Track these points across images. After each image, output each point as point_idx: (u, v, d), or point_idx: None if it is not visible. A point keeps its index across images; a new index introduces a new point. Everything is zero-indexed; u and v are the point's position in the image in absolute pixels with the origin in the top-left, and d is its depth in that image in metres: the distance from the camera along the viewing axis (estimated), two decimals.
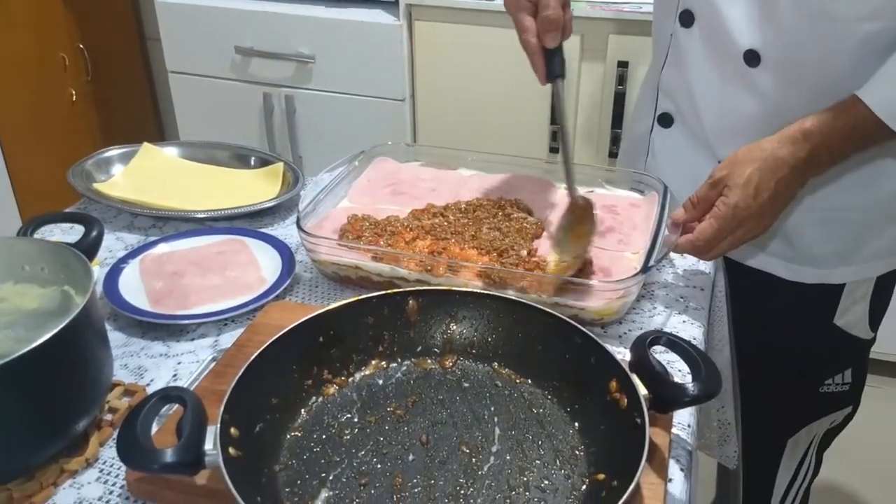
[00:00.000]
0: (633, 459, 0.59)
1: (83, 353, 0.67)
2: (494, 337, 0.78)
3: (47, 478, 0.67)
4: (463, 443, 0.69)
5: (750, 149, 0.86)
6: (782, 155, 0.84)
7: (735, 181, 0.84)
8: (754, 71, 0.94)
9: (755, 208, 0.84)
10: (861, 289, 1.06)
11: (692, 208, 0.88)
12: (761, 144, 0.86)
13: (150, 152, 1.21)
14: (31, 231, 0.81)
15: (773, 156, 0.84)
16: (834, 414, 1.17)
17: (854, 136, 0.84)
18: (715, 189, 0.86)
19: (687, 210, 0.88)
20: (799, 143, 0.84)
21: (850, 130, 0.83)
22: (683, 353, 0.67)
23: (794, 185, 0.86)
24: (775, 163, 0.84)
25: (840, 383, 1.14)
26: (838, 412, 1.18)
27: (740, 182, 0.84)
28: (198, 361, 0.82)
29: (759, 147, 0.85)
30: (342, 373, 0.76)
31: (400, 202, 1.03)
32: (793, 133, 0.85)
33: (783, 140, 0.84)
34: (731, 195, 0.84)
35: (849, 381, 1.14)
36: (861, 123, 0.83)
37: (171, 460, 0.58)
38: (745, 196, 0.83)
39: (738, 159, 0.86)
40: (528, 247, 0.90)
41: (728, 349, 1.01)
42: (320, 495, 0.64)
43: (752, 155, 0.85)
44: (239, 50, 2.05)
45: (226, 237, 1.02)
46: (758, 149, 0.85)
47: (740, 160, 0.85)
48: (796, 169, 0.85)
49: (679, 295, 0.92)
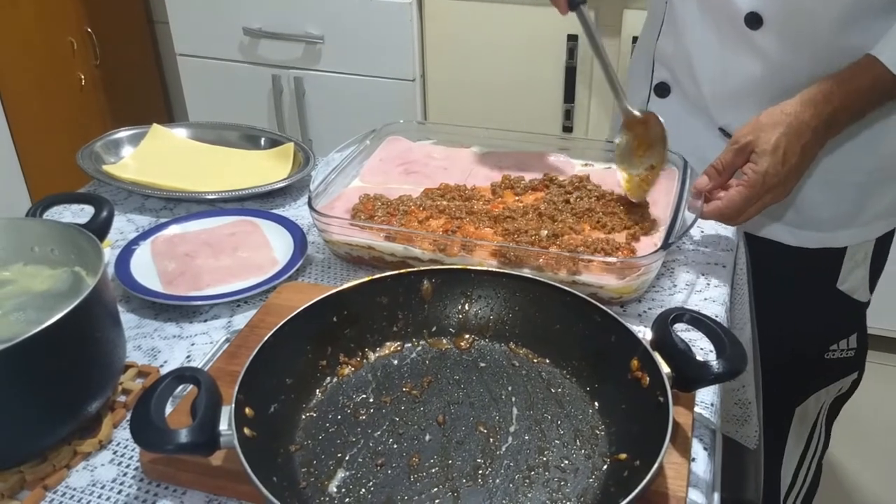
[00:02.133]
0: (656, 439, 0.58)
1: (95, 333, 0.66)
2: (511, 316, 0.77)
3: (60, 460, 0.66)
4: (480, 423, 0.67)
5: (772, 113, 0.85)
6: (805, 119, 0.83)
7: (763, 147, 0.83)
8: (756, 33, 0.93)
9: (783, 174, 0.83)
10: (861, 251, 1.07)
11: (717, 175, 0.87)
12: (784, 108, 0.84)
13: (160, 133, 1.19)
14: (41, 212, 0.80)
15: (798, 120, 0.83)
16: (841, 381, 1.18)
17: (873, 96, 0.84)
18: (741, 155, 0.85)
19: (711, 177, 0.87)
20: (820, 105, 0.83)
21: (868, 90, 0.83)
22: (707, 329, 0.66)
23: (816, 147, 0.85)
24: (800, 127, 0.83)
25: (845, 349, 1.15)
26: (845, 378, 1.19)
27: (769, 148, 0.82)
28: (211, 342, 0.81)
29: (782, 111, 0.84)
30: (357, 353, 0.74)
31: (412, 181, 1.01)
32: (813, 96, 0.84)
33: (805, 103, 0.83)
34: (761, 162, 0.83)
35: (854, 346, 1.16)
36: (879, 82, 0.83)
37: (185, 441, 0.57)
38: (775, 163, 0.82)
39: (762, 124, 0.84)
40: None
41: (749, 328, 1.00)
42: (337, 475, 0.63)
43: (776, 119, 0.83)
44: (247, 31, 2.03)
45: (237, 218, 1.01)
46: (781, 113, 0.84)
47: (765, 125, 0.84)
48: (817, 131, 0.84)
49: (700, 272, 0.90)
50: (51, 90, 2.24)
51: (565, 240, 0.86)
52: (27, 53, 2.14)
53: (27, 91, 2.16)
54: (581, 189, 0.96)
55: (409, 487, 0.62)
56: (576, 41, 1.80)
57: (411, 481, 0.62)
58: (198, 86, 2.20)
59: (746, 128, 0.85)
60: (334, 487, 0.62)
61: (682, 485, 0.61)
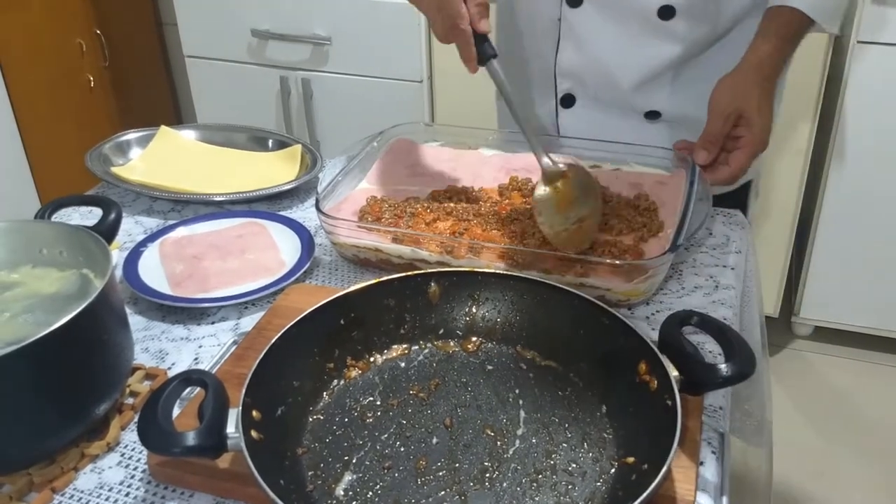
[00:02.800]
0: (664, 443, 0.57)
1: (103, 336, 0.66)
2: (518, 319, 0.77)
3: (68, 462, 0.66)
4: (487, 426, 0.67)
5: (740, 81, 0.93)
6: (767, 75, 0.94)
7: (751, 113, 0.91)
8: (670, 23, 1.00)
9: (769, 129, 0.93)
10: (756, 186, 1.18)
11: (713, 146, 0.94)
12: (747, 75, 0.93)
13: (168, 135, 1.20)
14: (49, 214, 0.80)
15: (763, 78, 0.93)
16: None
17: (795, 39, 0.96)
18: (729, 123, 0.93)
19: (709, 150, 0.94)
20: (769, 63, 0.93)
21: (793, 35, 0.95)
22: (716, 332, 0.66)
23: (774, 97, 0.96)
24: (765, 86, 0.93)
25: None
26: None
27: (755, 113, 0.91)
28: (219, 345, 0.81)
29: (745, 77, 0.93)
30: (364, 356, 0.74)
31: (419, 183, 1.01)
32: (762, 57, 0.93)
33: (761, 65, 0.93)
34: (755, 124, 0.91)
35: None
36: (799, 27, 0.95)
37: (192, 443, 0.58)
38: (763, 123, 0.92)
39: (738, 92, 0.92)
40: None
41: (759, 330, 0.99)
42: (344, 478, 0.63)
43: (748, 85, 0.92)
44: (255, 33, 2.04)
45: (245, 220, 1.01)
46: (744, 78, 0.93)
47: (741, 91, 0.92)
48: (773, 84, 0.95)
49: (708, 274, 0.90)
50: (60, 91, 2.25)
51: None
52: (36, 55, 2.15)
53: (36, 92, 2.17)
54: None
55: (416, 490, 0.61)
56: None
57: (418, 484, 0.62)
58: (206, 87, 2.21)
59: (723, 97, 0.93)
60: (341, 490, 0.62)
61: (691, 489, 0.60)
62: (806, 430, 1.96)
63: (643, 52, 1.03)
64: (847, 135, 1.87)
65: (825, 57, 1.78)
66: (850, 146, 1.88)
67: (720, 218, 1.01)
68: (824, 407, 2.03)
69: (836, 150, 1.89)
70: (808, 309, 2.11)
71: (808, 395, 2.07)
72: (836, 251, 2.00)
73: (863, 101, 1.82)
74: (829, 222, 1.97)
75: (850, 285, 2.04)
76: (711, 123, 0.93)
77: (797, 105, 1.84)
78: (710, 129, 0.94)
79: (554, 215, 0.87)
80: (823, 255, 2.01)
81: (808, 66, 1.79)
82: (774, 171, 1.93)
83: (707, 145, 0.94)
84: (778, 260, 2.03)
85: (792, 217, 1.98)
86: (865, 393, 2.06)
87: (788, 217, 1.98)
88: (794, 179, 1.94)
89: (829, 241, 1.99)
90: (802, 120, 1.86)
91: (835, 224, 1.97)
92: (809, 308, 2.11)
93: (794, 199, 1.96)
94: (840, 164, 1.90)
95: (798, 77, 1.81)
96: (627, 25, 1.02)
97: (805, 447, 1.90)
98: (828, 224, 1.98)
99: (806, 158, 1.91)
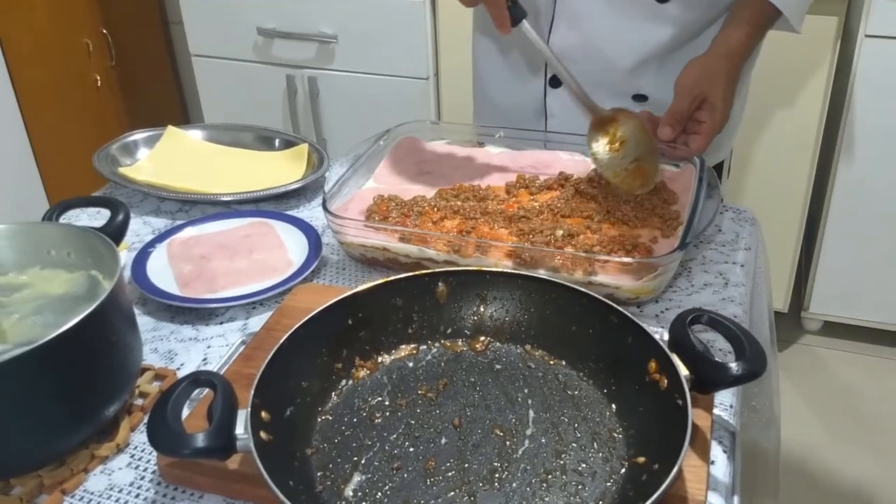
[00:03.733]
0: (675, 442, 0.57)
1: (112, 337, 0.66)
2: (526, 318, 0.76)
3: (78, 464, 0.66)
4: (496, 426, 0.67)
5: (708, 64, 0.96)
6: (735, 63, 0.97)
7: (715, 99, 0.95)
8: (666, 6, 1.03)
9: (728, 116, 0.98)
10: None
11: (677, 124, 0.97)
12: (717, 61, 0.96)
13: (175, 135, 1.20)
14: (57, 216, 0.80)
15: (731, 66, 0.97)
16: None
17: (763, 29, 1.01)
18: (695, 103, 0.96)
19: (674, 127, 0.97)
20: (737, 51, 0.97)
21: (762, 25, 1.00)
22: (726, 331, 0.65)
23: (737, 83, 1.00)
24: (731, 73, 0.97)
25: None
26: None
27: (720, 99, 0.95)
28: (227, 345, 0.81)
29: (716, 62, 0.96)
30: (372, 356, 0.74)
31: (426, 181, 1.01)
32: (732, 46, 0.97)
33: (730, 53, 0.97)
34: (717, 110, 0.95)
35: None
36: (767, 18, 0.99)
37: (202, 445, 0.58)
38: (725, 108, 0.96)
39: (706, 77, 0.95)
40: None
41: (767, 326, 0.98)
42: (353, 479, 0.63)
43: (715, 71, 0.96)
44: (261, 31, 2.04)
45: (252, 220, 1.01)
46: (714, 63, 0.96)
47: (709, 78, 0.95)
48: (738, 71, 0.99)
49: (718, 272, 0.90)
50: (67, 91, 2.26)
51: (581, 240, 0.86)
52: (43, 55, 2.16)
53: (43, 92, 2.17)
54: (599, 187, 0.95)
55: (425, 491, 0.61)
56: None
57: (427, 485, 0.62)
58: (212, 86, 2.21)
59: (689, 80, 0.96)
60: (350, 491, 0.62)
61: (702, 488, 0.60)
62: (815, 425, 1.95)
63: (638, 34, 1.05)
64: (855, 129, 1.85)
65: (833, 51, 1.77)
66: (859, 140, 1.86)
67: (729, 214, 1.01)
68: (833, 402, 2.02)
69: (845, 144, 1.88)
70: (818, 304, 2.10)
71: (817, 390, 2.06)
72: (845, 245, 1.99)
73: (871, 96, 1.80)
74: (838, 216, 1.96)
75: (859, 280, 2.03)
76: (678, 102, 0.96)
77: (805, 99, 1.83)
78: (676, 107, 0.96)
79: (610, 156, 0.94)
80: (832, 249, 2.00)
81: (817, 60, 1.78)
82: (782, 165, 1.92)
83: (672, 122, 0.97)
84: (787, 255, 2.02)
85: (800, 211, 1.97)
86: (875, 388, 2.05)
87: (797, 212, 1.97)
88: (802, 174, 1.92)
89: (838, 236, 1.98)
90: (811, 114, 1.85)
91: (844, 218, 1.96)
92: (819, 303, 2.10)
93: (803, 193, 1.95)
94: (849, 158, 1.89)
95: (806, 71, 1.80)
96: (624, 7, 1.04)
97: (814, 442, 1.89)
98: (836, 218, 1.96)
99: (814, 153, 1.90)
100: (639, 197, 0.93)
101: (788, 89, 1.83)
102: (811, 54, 1.78)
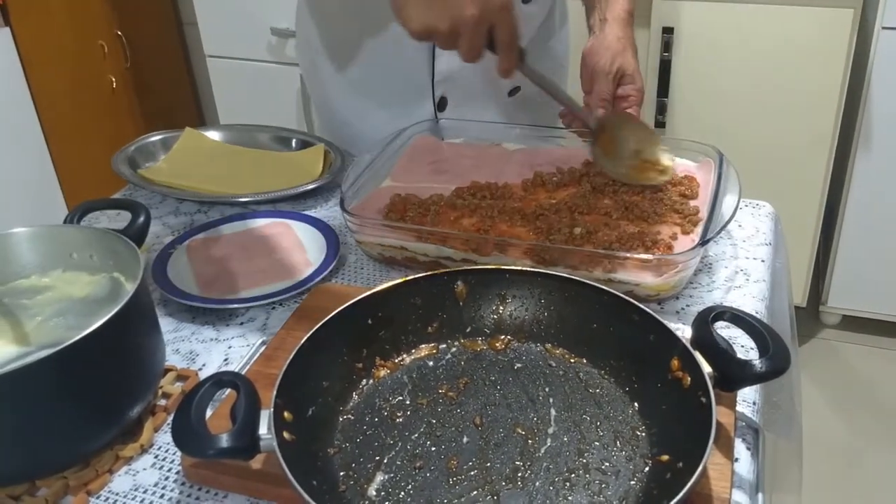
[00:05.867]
0: (699, 440, 0.57)
1: (135, 339, 0.67)
2: (546, 316, 0.76)
3: (103, 465, 0.67)
4: (518, 425, 0.67)
5: (609, 40, 0.99)
6: (629, 32, 1.01)
7: (631, 70, 0.99)
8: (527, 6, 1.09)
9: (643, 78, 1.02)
10: None
11: (609, 105, 1.00)
12: (617, 34, 1.00)
13: (193, 137, 1.20)
14: (78, 218, 0.81)
15: (628, 34, 1.01)
16: None
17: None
18: (615, 80, 0.99)
19: (606, 108, 1.00)
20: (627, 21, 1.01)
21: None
22: (749, 328, 0.65)
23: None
24: (631, 40, 1.01)
25: None
26: None
27: (634, 68, 1.00)
28: (248, 345, 0.82)
29: (616, 37, 0.99)
30: (392, 355, 0.74)
31: (443, 180, 1.01)
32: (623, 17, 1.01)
33: (621, 24, 1.00)
34: (637, 80, 1.00)
35: None
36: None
37: (226, 445, 0.58)
38: (641, 78, 1.01)
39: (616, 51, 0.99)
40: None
41: (788, 323, 0.98)
42: (376, 478, 0.63)
43: (621, 41, 0.99)
44: (275, 31, 2.04)
45: (270, 220, 1.01)
46: (615, 38, 0.99)
47: (617, 51, 0.99)
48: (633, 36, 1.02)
49: (738, 267, 0.89)
50: (83, 94, 2.28)
51: (600, 237, 0.85)
52: (59, 58, 2.18)
53: (60, 95, 2.19)
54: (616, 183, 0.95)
55: (448, 490, 0.61)
56: (671, 34, 1.78)
57: (450, 484, 0.62)
58: (227, 86, 2.22)
59: (604, 61, 0.99)
60: (374, 490, 0.62)
61: (726, 486, 0.60)
62: (835, 419, 1.94)
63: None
64: (873, 121, 1.84)
65: (849, 44, 1.75)
66: (876, 133, 1.85)
67: (749, 210, 1.00)
68: (853, 396, 2.01)
69: (863, 137, 1.86)
70: (836, 298, 2.09)
71: (836, 384, 2.04)
72: (863, 239, 1.97)
73: (888, 88, 1.79)
74: (856, 210, 1.94)
75: (878, 273, 2.01)
76: (601, 84, 0.99)
77: (822, 92, 1.81)
78: (601, 88, 0.99)
79: (610, 161, 0.96)
80: (851, 243, 1.99)
81: (833, 52, 1.77)
82: (799, 158, 1.91)
83: (604, 104, 0.99)
84: (805, 248, 2.00)
85: (818, 205, 1.96)
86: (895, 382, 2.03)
87: (815, 205, 1.96)
88: (819, 167, 1.91)
89: (857, 229, 1.97)
90: (827, 107, 1.83)
91: (862, 211, 1.94)
92: (837, 297, 2.08)
93: (821, 186, 1.93)
94: (866, 151, 1.87)
95: (822, 64, 1.79)
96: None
97: (834, 437, 1.88)
98: (854, 211, 1.95)
99: (832, 146, 1.88)
100: (657, 192, 0.92)
101: (805, 82, 1.82)
102: (827, 47, 1.77)
